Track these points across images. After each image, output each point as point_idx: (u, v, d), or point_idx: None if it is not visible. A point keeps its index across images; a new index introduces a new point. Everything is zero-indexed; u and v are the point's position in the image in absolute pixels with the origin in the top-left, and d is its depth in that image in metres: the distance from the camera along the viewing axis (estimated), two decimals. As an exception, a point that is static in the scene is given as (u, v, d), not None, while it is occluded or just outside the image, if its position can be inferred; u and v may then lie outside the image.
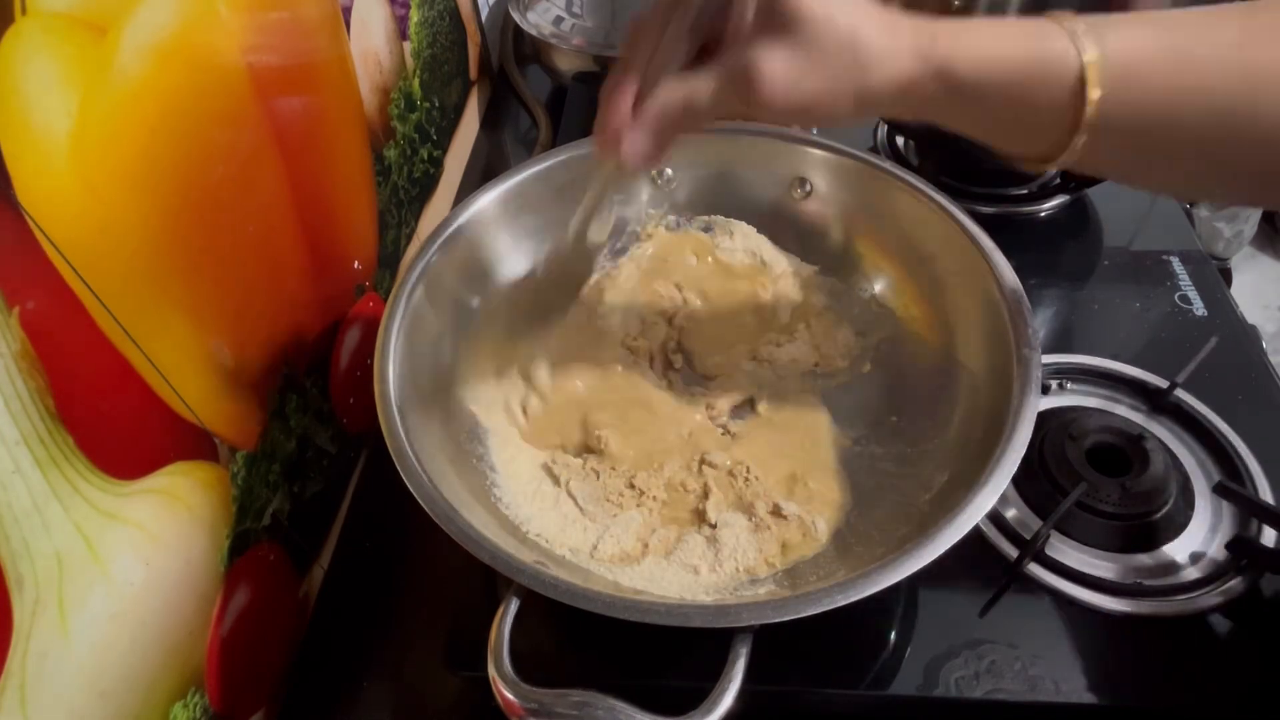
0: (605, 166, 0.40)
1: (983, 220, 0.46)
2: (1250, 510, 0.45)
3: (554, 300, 0.50)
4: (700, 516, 0.44)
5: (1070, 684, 0.40)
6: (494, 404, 0.48)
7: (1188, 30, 0.30)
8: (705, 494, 0.44)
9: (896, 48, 0.31)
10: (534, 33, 0.80)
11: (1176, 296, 0.59)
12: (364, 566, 0.52)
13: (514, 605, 0.34)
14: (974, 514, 0.34)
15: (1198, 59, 0.30)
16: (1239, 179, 0.33)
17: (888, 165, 0.50)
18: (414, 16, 0.65)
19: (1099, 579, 0.43)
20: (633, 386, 0.49)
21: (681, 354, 0.52)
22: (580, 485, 0.45)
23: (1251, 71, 0.29)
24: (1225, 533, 0.45)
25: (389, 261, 0.60)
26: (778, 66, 0.30)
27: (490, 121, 0.84)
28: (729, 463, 0.45)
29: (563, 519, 0.44)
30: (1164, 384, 0.51)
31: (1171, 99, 0.30)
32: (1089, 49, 0.30)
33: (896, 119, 0.33)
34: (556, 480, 0.46)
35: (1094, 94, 0.30)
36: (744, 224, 0.56)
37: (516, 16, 0.82)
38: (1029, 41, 0.31)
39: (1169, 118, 0.30)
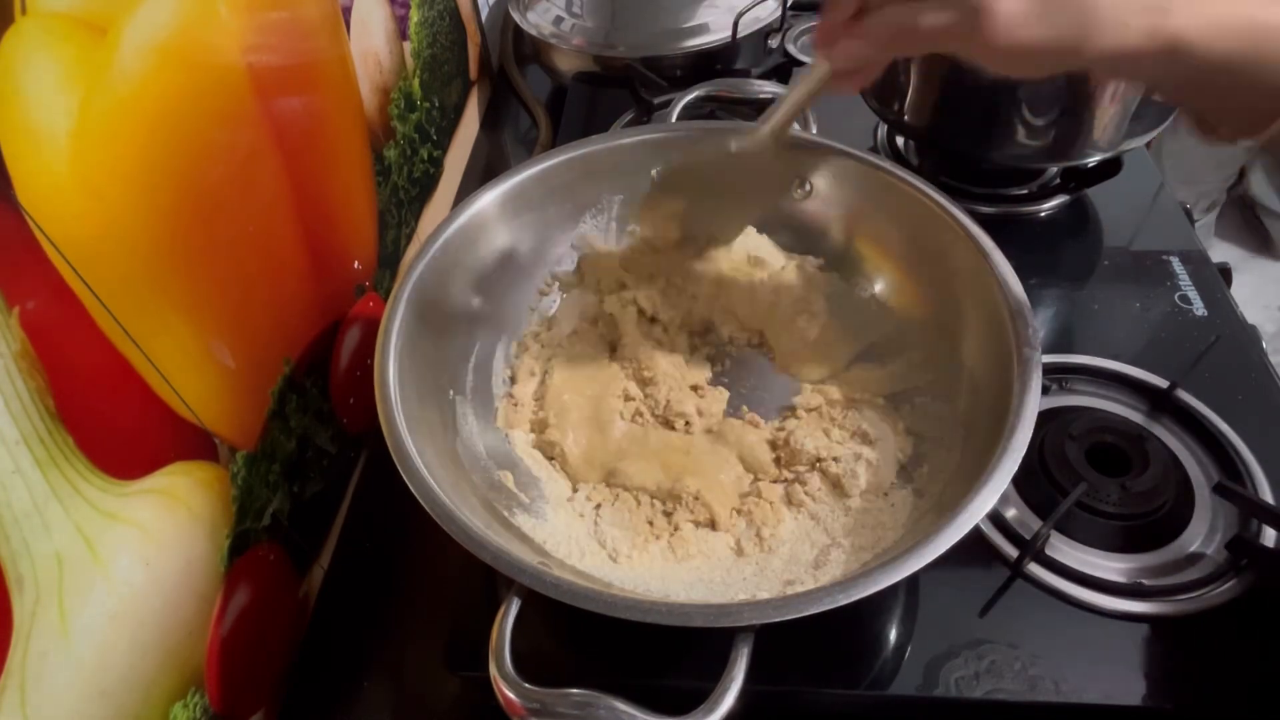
0: (815, 69, 0.40)
1: (983, 220, 0.46)
2: (1250, 510, 0.45)
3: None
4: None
5: (1070, 684, 0.40)
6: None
7: None
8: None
9: (1126, 17, 0.31)
10: (534, 33, 0.80)
11: (1176, 296, 0.59)
12: (364, 566, 0.52)
13: (515, 605, 0.34)
14: (974, 514, 0.34)
15: None
16: None
17: (888, 165, 0.50)
18: (414, 16, 0.65)
19: (1099, 579, 0.43)
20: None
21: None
22: (609, 511, 0.45)
23: None
24: (1225, 533, 0.45)
25: (389, 261, 0.60)
26: (1010, 6, 0.31)
27: (490, 121, 0.84)
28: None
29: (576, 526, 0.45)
30: (1164, 384, 0.51)
31: None
32: None
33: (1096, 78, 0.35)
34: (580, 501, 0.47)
35: None
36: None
37: (516, 16, 0.82)
38: (1260, 17, 0.31)
39: None
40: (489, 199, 0.50)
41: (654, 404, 0.49)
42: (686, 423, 0.49)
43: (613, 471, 0.46)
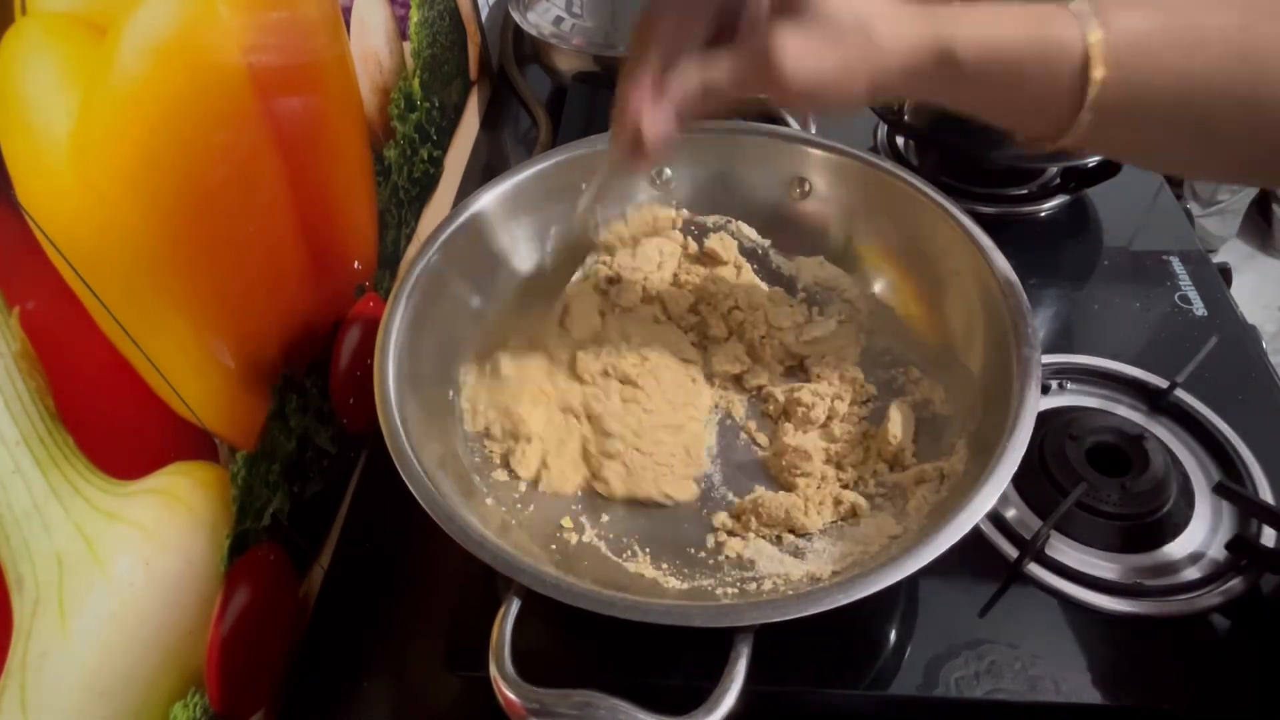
0: (615, 150, 0.39)
1: (983, 220, 0.46)
2: (1250, 510, 0.45)
3: (558, 290, 0.51)
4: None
5: (1070, 684, 0.40)
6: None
7: (1191, 11, 0.31)
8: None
9: (904, 32, 0.33)
10: (534, 33, 0.80)
11: (1176, 296, 0.59)
12: (364, 566, 0.52)
13: (515, 605, 0.34)
14: (974, 514, 0.34)
15: (1201, 40, 0.30)
16: (1239, 158, 0.34)
17: (888, 165, 0.50)
18: (414, 16, 0.65)
19: (1099, 579, 0.43)
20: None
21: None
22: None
23: (1253, 52, 0.30)
24: (1225, 533, 0.45)
25: (389, 261, 0.60)
26: (796, 46, 0.32)
27: (490, 121, 0.84)
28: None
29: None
30: (1164, 384, 0.51)
31: (1175, 79, 0.31)
32: (1093, 30, 0.31)
33: (907, 99, 0.35)
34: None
35: (1098, 74, 0.31)
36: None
37: (516, 16, 0.82)
38: (1032, 24, 0.32)
39: (1172, 97, 0.31)
40: (489, 199, 0.50)
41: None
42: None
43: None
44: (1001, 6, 0.33)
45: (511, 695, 0.31)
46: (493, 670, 0.32)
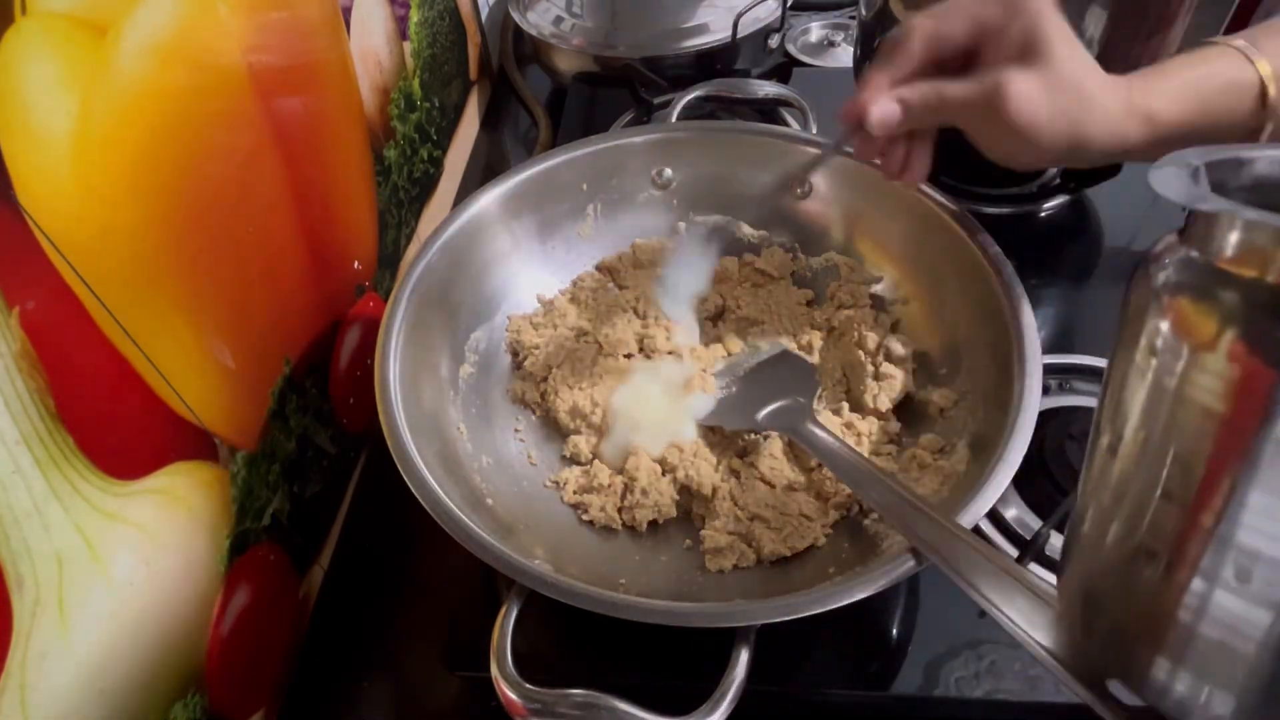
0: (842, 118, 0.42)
1: (983, 220, 0.46)
2: (1250, 510, 0.45)
3: None
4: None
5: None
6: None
7: None
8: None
9: (1112, 99, 0.37)
10: (534, 33, 0.80)
11: (1176, 296, 0.59)
12: (364, 566, 0.52)
13: (516, 606, 0.34)
14: (973, 514, 0.34)
15: None
16: None
17: (888, 165, 0.50)
18: (414, 16, 0.65)
19: (1099, 579, 0.43)
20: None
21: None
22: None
23: None
24: (1225, 533, 0.45)
25: (389, 261, 0.60)
26: (1024, 85, 0.36)
27: (490, 121, 0.84)
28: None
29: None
30: (1164, 384, 0.51)
31: None
32: (1261, 63, 0.37)
33: (1095, 162, 0.40)
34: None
35: (1274, 95, 0.37)
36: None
37: (516, 16, 0.82)
38: (1213, 68, 0.38)
39: None
40: (489, 199, 0.50)
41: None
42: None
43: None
44: (1175, 66, 0.38)
45: (512, 695, 0.31)
46: (494, 670, 0.32)
